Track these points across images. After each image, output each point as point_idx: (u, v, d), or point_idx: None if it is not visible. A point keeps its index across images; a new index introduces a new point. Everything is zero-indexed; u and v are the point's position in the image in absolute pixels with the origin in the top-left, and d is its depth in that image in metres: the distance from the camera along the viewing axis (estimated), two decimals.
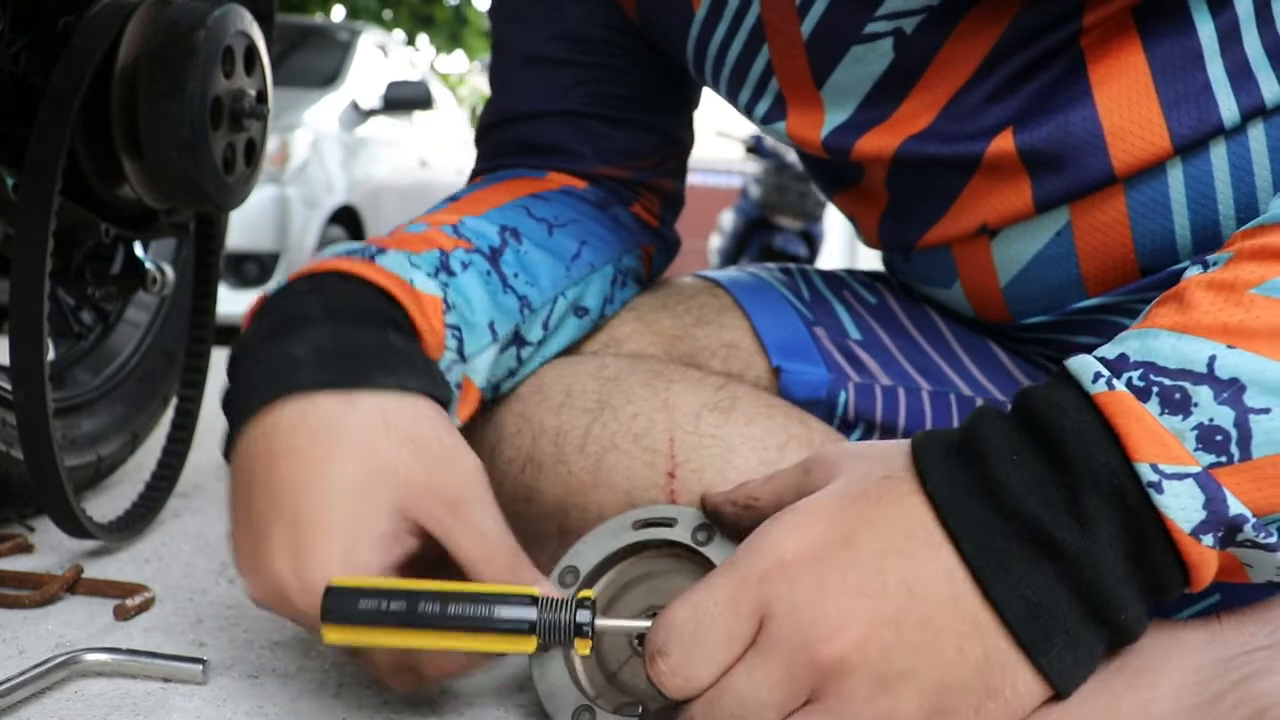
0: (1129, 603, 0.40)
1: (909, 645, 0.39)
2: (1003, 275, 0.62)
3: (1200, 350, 0.40)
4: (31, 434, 0.69)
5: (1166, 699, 0.42)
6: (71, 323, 0.99)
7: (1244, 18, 0.53)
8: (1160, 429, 0.39)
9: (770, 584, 0.41)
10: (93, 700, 0.54)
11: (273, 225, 3.46)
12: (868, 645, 0.39)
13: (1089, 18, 0.54)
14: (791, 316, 0.68)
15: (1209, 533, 0.39)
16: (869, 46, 0.58)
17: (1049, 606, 0.39)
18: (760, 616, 0.41)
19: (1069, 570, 0.39)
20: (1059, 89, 0.56)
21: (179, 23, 0.76)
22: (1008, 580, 0.39)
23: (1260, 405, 0.39)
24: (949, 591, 0.40)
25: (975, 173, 0.59)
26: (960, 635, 0.40)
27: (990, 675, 0.40)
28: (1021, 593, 0.39)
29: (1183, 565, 0.39)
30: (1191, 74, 0.53)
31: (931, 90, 0.59)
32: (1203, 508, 0.38)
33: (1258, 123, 0.53)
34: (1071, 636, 0.40)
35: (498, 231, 0.63)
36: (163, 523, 0.89)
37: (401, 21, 8.27)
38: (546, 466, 0.60)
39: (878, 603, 0.40)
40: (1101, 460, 0.39)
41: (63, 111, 0.69)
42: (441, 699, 0.57)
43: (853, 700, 0.39)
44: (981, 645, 0.40)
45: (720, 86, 0.68)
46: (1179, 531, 0.38)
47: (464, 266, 0.58)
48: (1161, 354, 0.40)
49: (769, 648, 0.40)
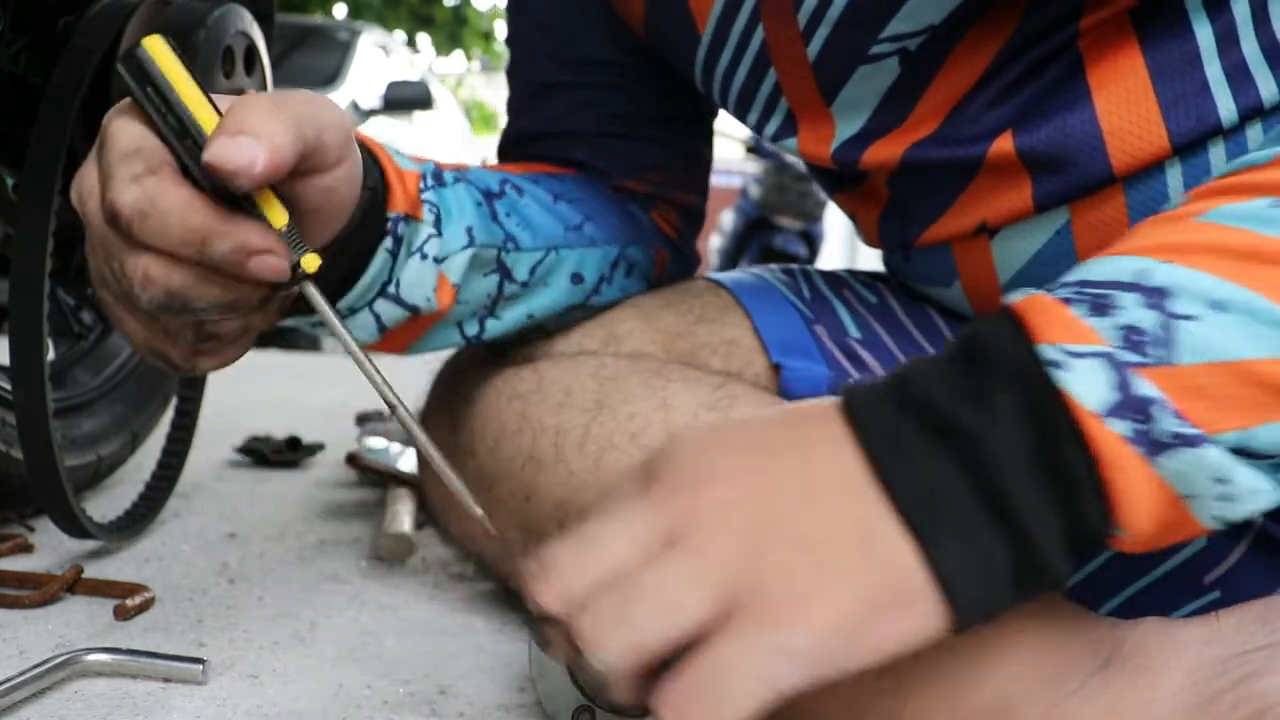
0: (1028, 494, 0.36)
1: (791, 500, 0.37)
2: (1002, 274, 0.62)
3: (1132, 264, 0.38)
4: (31, 434, 0.69)
5: (1166, 698, 0.42)
6: (71, 322, 0.99)
7: (1241, 20, 0.53)
8: (1072, 319, 0.37)
9: (687, 508, 0.38)
10: (93, 700, 0.54)
11: None
12: (749, 497, 0.37)
13: (1085, 21, 0.54)
14: (792, 315, 0.68)
15: (1121, 418, 0.35)
16: (875, 66, 0.58)
17: (941, 489, 0.36)
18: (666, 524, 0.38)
19: (963, 454, 0.36)
20: (1058, 91, 0.56)
21: (179, 23, 0.76)
22: (900, 460, 0.37)
23: (1189, 312, 0.36)
24: (840, 467, 0.38)
25: (976, 174, 0.59)
26: (842, 501, 0.37)
27: (872, 539, 0.37)
28: (913, 473, 0.37)
29: (1091, 458, 0.35)
30: (1189, 75, 0.53)
31: (936, 99, 0.59)
32: (1115, 389, 0.35)
33: (1256, 123, 0.53)
34: (963, 525, 0.36)
35: (499, 181, 0.63)
36: (163, 523, 0.89)
37: (401, 21, 8.27)
38: (546, 465, 0.60)
39: (761, 472, 0.38)
40: (1009, 349, 0.37)
41: (63, 111, 0.69)
42: (442, 699, 0.57)
43: (721, 539, 0.37)
44: (863, 509, 0.37)
45: (729, 106, 0.68)
46: (1082, 411, 0.35)
47: (455, 181, 0.59)
48: (1093, 271, 0.39)
49: (647, 500, 0.38)
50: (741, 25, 0.62)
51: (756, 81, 0.64)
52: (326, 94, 3.38)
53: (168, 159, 0.43)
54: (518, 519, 0.61)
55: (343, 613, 0.69)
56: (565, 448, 0.59)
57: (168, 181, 0.42)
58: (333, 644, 0.64)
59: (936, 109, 0.59)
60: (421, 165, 0.59)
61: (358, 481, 1.08)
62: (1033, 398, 0.36)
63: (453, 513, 0.67)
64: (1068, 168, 0.56)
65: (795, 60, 0.61)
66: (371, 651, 0.63)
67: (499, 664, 0.62)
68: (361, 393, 1.83)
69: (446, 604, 0.72)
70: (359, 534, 0.89)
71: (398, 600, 0.73)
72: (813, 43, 0.59)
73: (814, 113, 0.63)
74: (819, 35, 0.59)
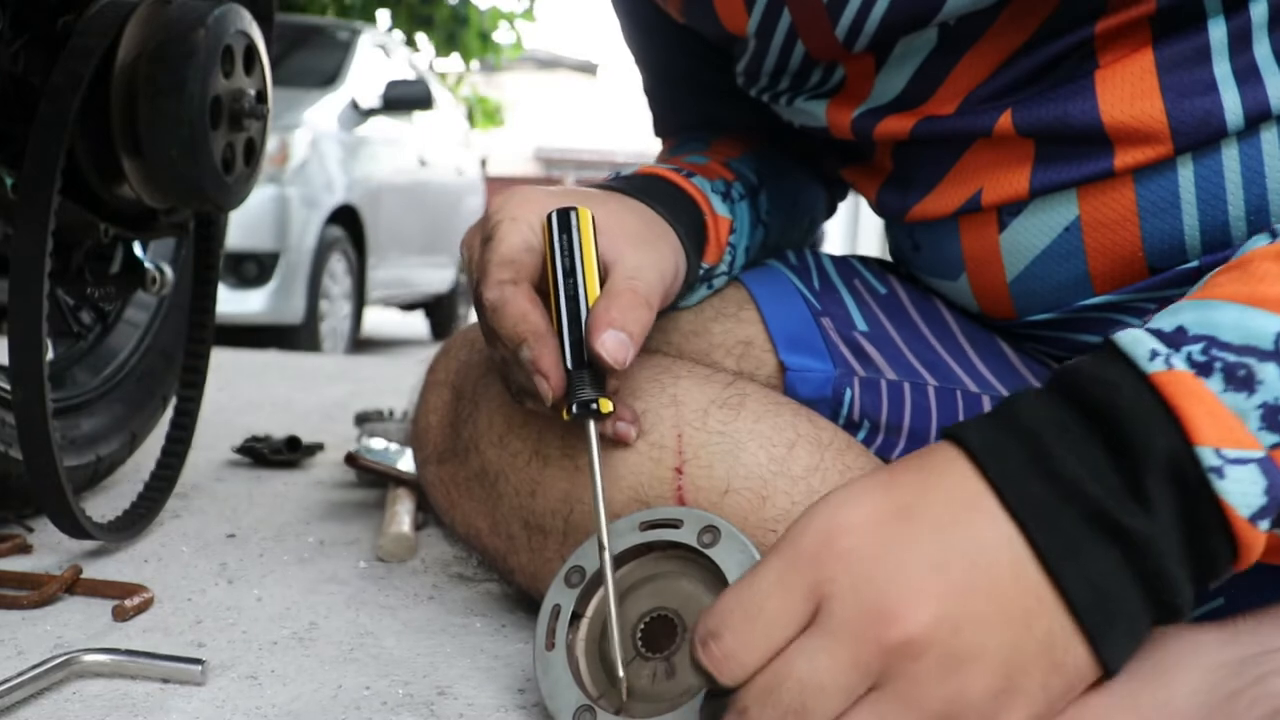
0: (1184, 585, 0.39)
1: (979, 620, 0.38)
2: (1010, 269, 0.62)
3: (1266, 325, 0.39)
4: (30, 434, 0.69)
5: (1183, 697, 0.42)
6: (71, 323, 0.99)
7: (1258, 22, 0.53)
8: (1222, 409, 0.38)
9: (824, 562, 0.39)
10: (91, 701, 0.54)
11: (272, 225, 3.46)
12: (939, 624, 0.37)
13: (1103, 22, 0.54)
14: (800, 307, 0.68)
15: (1266, 518, 0.38)
16: (917, 34, 0.59)
17: (1115, 593, 0.38)
18: (817, 596, 0.39)
19: (1134, 557, 0.38)
20: (1063, 78, 0.56)
21: (178, 22, 0.76)
22: (1076, 565, 0.38)
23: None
24: (1011, 562, 0.39)
25: (974, 142, 0.60)
26: (1026, 610, 0.38)
27: (1054, 650, 0.39)
28: (1089, 577, 0.38)
29: (1234, 547, 0.39)
30: (1196, 70, 0.53)
31: (958, 83, 0.60)
32: (1264, 493, 0.38)
33: (1271, 125, 0.53)
34: (1131, 622, 0.39)
35: (754, 173, 0.75)
36: (161, 523, 0.89)
37: (400, 21, 8.26)
38: (553, 460, 0.60)
39: (942, 576, 0.38)
40: (1162, 443, 0.38)
41: (62, 111, 0.68)
42: (441, 700, 0.56)
43: (923, 683, 0.38)
44: (1047, 620, 0.38)
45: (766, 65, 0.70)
46: (1237, 517, 0.38)
47: (740, 197, 0.70)
48: (1224, 327, 0.39)
49: (832, 628, 0.38)
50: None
51: (803, 79, 0.67)
52: (326, 94, 3.34)
53: (529, 275, 0.54)
54: (522, 514, 0.61)
55: (342, 613, 0.69)
56: (572, 442, 0.59)
57: (520, 294, 0.53)
58: (332, 645, 0.64)
59: (956, 93, 0.60)
60: (726, 203, 0.68)
61: (357, 482, 1.08)
62: (1191, 501, 0.38)
63: (456, 510, 0.66)
64: (1066, 150, 0.56)
65: (829, 49, 0.63)
66: (371, 652, 0.63)
67: (498, 665, 0.62)
68: (361, 393, 1.83)
69: (446, 605, 0.72)
70: (358, 534, 0.89)
71: (397, 601, 0.73)
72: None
73: (861, 74, 0.64)
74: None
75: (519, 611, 0.71)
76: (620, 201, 0.60)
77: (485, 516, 0.64)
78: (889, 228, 0.74)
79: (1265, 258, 0.41)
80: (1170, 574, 0.38)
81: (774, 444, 0.57)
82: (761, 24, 0.64)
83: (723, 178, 0.70)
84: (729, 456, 0.56)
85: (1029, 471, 0.39)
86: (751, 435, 0.57)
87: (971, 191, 0.61)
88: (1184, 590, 0.39)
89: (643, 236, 0.57)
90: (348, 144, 3.94)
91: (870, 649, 0.38)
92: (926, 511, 0.40)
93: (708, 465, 0.56)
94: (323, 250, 3.71)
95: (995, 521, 0.39)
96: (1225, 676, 0.43)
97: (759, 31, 0.65)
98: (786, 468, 0.56)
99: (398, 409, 1.37)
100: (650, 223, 0.59)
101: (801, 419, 0.59)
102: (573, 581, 0.53)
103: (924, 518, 0.40)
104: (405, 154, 4.53)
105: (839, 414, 0.64)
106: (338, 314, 3.97)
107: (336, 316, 3.96)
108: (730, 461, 0.56)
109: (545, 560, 0.61)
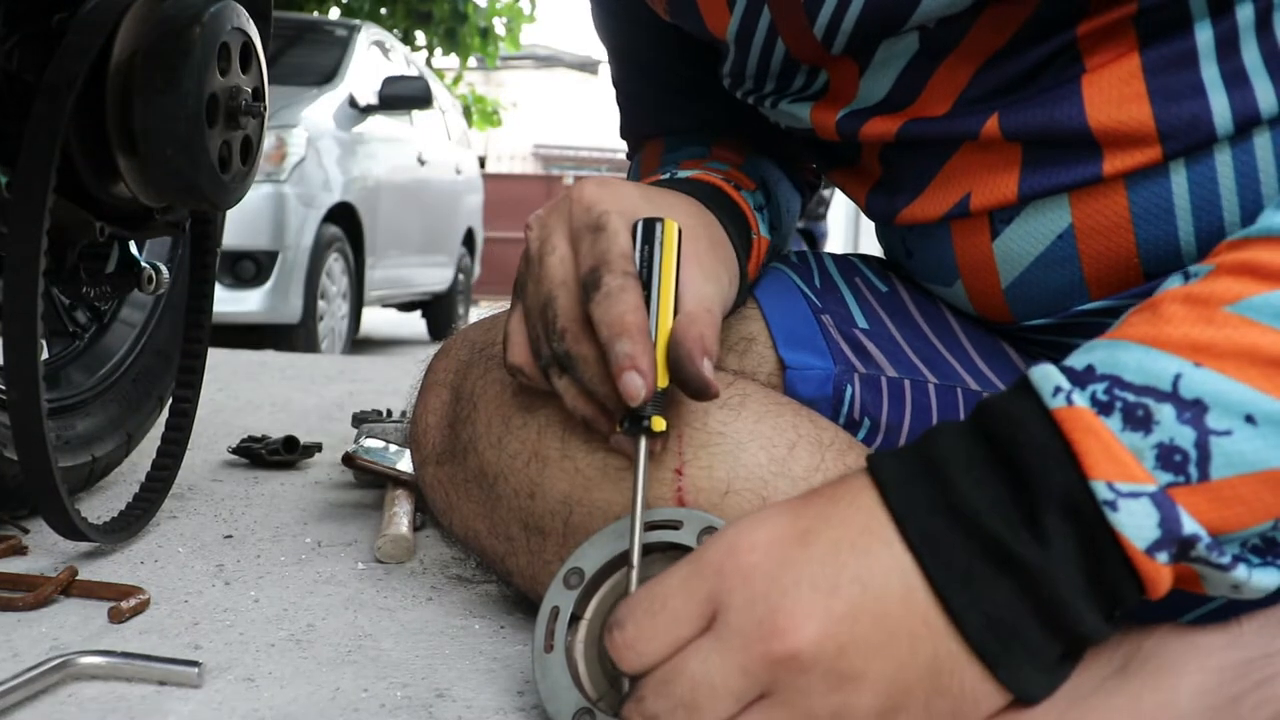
0: (1086, 614, 0.40)
1: (863, 644, 0.40)
2: (1005, 276, 0.62)
3: (1167, 367, 0.40)
4: (26, 434, 0.69)
5: (1186, 699, 0.43)
6: (66, 322, 0.99)
7: (1244, 26, 0.53)
8: (1118, 446, 0.40)
9: (726, 574, 0.42)
10: (87, 704, 0.54)
11: (270, 223, 3.46)
12: (823, 642, 0.40)
13: (1085, 25, 0.54)
14: (800, 304, 0.68)
15: (1163, 550, 0.39)
16: (898, 38, 0.59)
17: (1009, 622, 0.40)
18: (715, 604, 0.42)
19: (1029, 587, 0.40)
20: (1050, 82, 0.56)
21: (174, 19, 0.75)
22: (968, 594, 0.40)
23: (1222, 427, 0.39)
24: (901, 589, 0.41)
25: (962, 145, 0.60)
26: (912, 635, 0.41)
27: (940, 675, 0.41)
28: (981, 607, 0.40)
29: (1138, 579, 0.40)
30: (1184, 73, 0.53)
31: (942, 84, 0.59)
32: (1157, 526, 0.39)
33: (1264, 130, 0.53)
34: (1031, 648, 0.41)
35: (761, 183, 0.76)
36: (158, 524, 0.88)
37: (398, 18, 8.25)
38: (552, 461, 0.59)
39: (831, 599, 0.40)
40: (1059, 477, 0.40)
41: (57, 109, 0.68)
42: (439, 702, 0.56)
43: (810, 696, 0.40)
44: (932, 646, 0.41)
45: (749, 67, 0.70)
46: (1133, 549, 0.39)
47: (760, 210, 0.71)
48: (1128, 368, 0.41)
49: (725, 635, 0.41)
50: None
51: (788, 80, 0.66)
52: (324, 92, 3.35)
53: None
54: (521, 515, 0.61)
55: (340, 615, 0.69)
56: (572, 444, 0.59)
57: (638, 290, 0.52)
58: (330, 646, 0.63)
59: (946, 95, 0.60)
60: (761, 216, 0.70)
61: (355, 482, 1.08)
62: (1088, 533, 0.40)
63: (454, 511, 0.66)
64: (1054, 155, 0.56)
65: (813, 54, 0.63)
66: (369, 654, 0.62)
67: (497, 666, 0.61)
68: (359, 393, 1.83)
69: (444, 606, 0.72)
70: (356, 535, 0.89)
71: (395, 602, 0.72)
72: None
73: (845, 78, 0.64)
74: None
75: (518, 613, 0.70)
76: (696, 216, 0.60)
77: (484, 518, 0.64)
78: (882, 234, 0.74)
79: (1174, 300, 0.42)
80: (1067, 603, 0.40)
81: (775, 445, 0.57)
82: (742, 23, 0.64)
83: (750, 190, 0.71)
84: (729, 457, 0.56)
85: (931, 504, 0.41)
86: (752, 436, 0.57)
87: (959, 196, 0.61)
88: (1087, 619, 0.40)
89: (711, 259, 0.58)
90: (345, 142, 3.94)
91: (758, 660, 0.40)
92: (825, 536, 0.42)
93: (708, 466, 0.56)
94: (320, 249, 3.71)
95: (891, 550, 0.41)
96: (1229, 679, 0.43)
97: (740, 30, 0.64)
98: (787, 469, 0.56)
99: (396, 409, 1.36)
100: (717, 245, 0.60)
101: (802, 419, 0.59)
102: (571, 583, 0.52)
103: (822, 542, 0.42)
104: (404, 152, 4.53)
105: (840, 412, 0.64)
106: (335, 313, 3.97)
107: (334, 316, 3.96)
108: (731, 462, 0.56)
109: (544, 562, 0.61)
